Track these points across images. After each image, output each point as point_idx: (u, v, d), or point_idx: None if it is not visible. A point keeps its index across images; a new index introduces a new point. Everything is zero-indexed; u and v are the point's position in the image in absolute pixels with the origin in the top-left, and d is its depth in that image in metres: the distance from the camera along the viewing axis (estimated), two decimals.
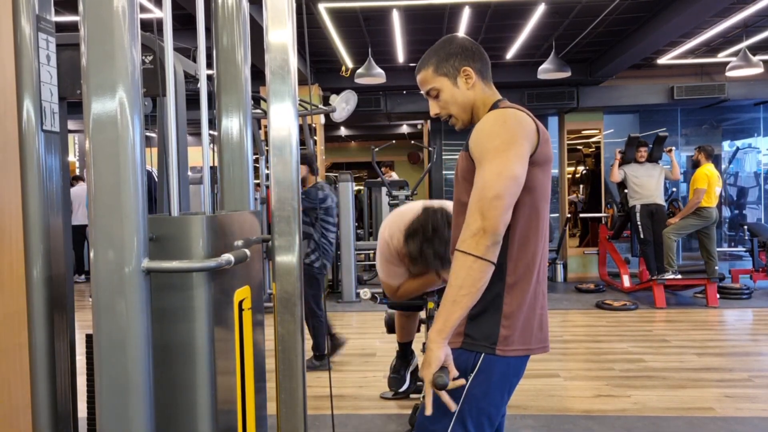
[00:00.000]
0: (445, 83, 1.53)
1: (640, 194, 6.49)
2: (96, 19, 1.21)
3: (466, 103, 1.53)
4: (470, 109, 1.54)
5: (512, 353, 1.42)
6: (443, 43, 1.56)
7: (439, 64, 1.53)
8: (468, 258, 1.31)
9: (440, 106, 1.55)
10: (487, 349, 1.42)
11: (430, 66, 1.54)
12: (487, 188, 1.32)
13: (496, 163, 1.34)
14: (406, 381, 3.29)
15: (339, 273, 6.98)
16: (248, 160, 1.88)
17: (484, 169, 1.35)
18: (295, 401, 1.61)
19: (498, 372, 1.43)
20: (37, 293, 1.56)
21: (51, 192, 1.60)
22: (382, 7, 5.05)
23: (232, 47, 1.83)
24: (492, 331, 1.42)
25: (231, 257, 1.35)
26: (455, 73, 1.52)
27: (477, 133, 1.41)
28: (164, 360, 1.38)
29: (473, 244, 1.31)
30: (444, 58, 1.53)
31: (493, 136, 1.37)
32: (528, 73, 6.68)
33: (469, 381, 1.42)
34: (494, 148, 1.35)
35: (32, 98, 1.55)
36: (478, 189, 1.34)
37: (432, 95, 1.56)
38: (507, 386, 1.46)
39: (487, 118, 1.43)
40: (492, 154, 1.35)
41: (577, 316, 5.94)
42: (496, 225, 1.31)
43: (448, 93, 1.53)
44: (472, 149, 1.41)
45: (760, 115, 8.66)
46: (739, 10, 5.23)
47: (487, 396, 1.43)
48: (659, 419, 3.20)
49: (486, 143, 1.37)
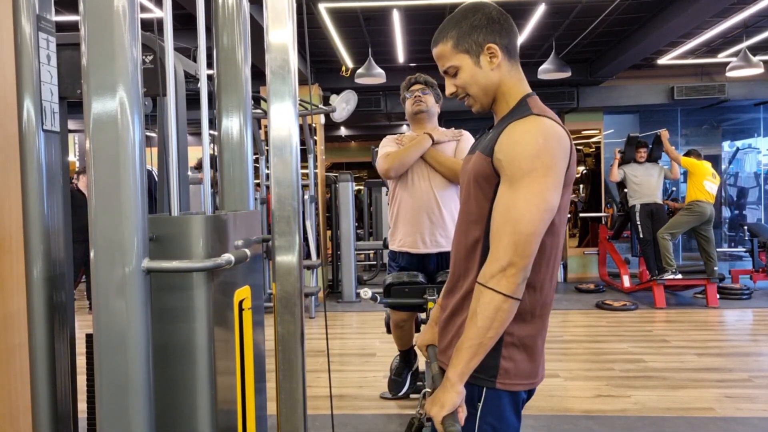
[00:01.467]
0: (466, 61, 1.33)
1: (640, 194, 6.49)
2: (96, 19, 1.21)
3: (488, 85, 1.34)
4: (493, 92, 1.36)
5: (515, 387, 1.32)
6: (466, 13, 1.34)
7: (460, 38, 1.32)
8: (497, 297, 1.20)
9: (457, 85, 1.36)
10: (488, 383, 1.31)
11: (449, 40, 1.34)
12: (524, 222, 1.20)
13: (534, 191, 1.21)
14: (406, 384, 3.29)
15: (339, 273, 6.98)
16: (248, 160, 1.88)
17: (518, 195, 1.21)
18: (295, 401, 1.61)
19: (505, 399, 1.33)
20: (37, 293, 1.56)
21: (51, 192, 1.60)
22: (382, 7, 5.05)
23: (232, 47, 1.83)
24: (492, 363, 1.30)
25: (231, 257, 1.35)
26: (478, 50, 1.32)
27: (511, 144, 1.25)
28: (164, 360, 1.38)
29: (504, 281, 1.20)
30: (466, 31, 1.32)
31: (531, 155, 1.22)
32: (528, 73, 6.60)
33: (479, 412, 1.31)
34: (532, 171, 1.21)
35: (32, 98, 1.55)
36: (510, 219, 1.21)
37: (450, 73, 1.36)
38: (517, 411, 1.36)
39: (524, 128, 1.26)
40: (529, 178, 1.21)
41: (577, 316, 5.94)
42: (529, 262, 1.21)
43: (468, 73, 1.34)
44: (502, 160, 1.25)
45: (760, 116, 8.66)
46: (739, 10, 5.23)
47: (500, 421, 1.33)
48: (659, 419, 3.20)
49: (522, 162, 1.22)
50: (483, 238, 1.32)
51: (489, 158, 1.29)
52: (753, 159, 8.95)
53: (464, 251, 1.39)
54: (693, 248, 8.64)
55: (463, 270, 1.39)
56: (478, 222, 1.34)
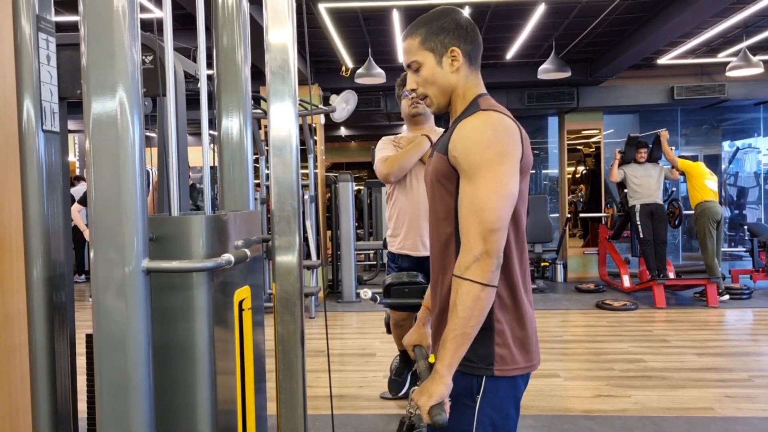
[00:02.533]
0: (429, 59, 1.40)
1: (640, 194, 6.49)
2: (96, 19, 1.21)
3: (446, 86, 1.41)
4: (449, 93, 1.42)
5: (513, 372, 1.35)
6: (437, 15, 1.42)
7: (428, 36, 1.39)
8: (474, 287, 1.25)
9: (418, 82, 1.43)
10: (486, 371, 1.34)
11: (417, 36, 1.41)
12: (488, 210, 1.25)
13: (491, 179, 1.27)
14: (407, 384, 3.29)
15: (339, 273, 6.98)
16: (248, 160, 1.88)
17: (478, 186, 1.27)
18: (295, 401, 1.61)
19: (504, 390, 1.36)
20: (37, 293, 1.56)
21: (51, 192, 1.60)
22: (382, 7, 5.05)
23: (232, 47, 1.83)
24: (487, 351, 1.34)
25: (231, 257, 1.35)
26: (442, 50, 1.39)
27: (462, 141, 1.31)
28: (164, 360, 1.38)
29: (478, 271, 1.25)
30: (434, 31, 1.39)
31: (482, 147, 1.28)
32: (528, 73, 6.68)
33: (478, 404, 1.34)
34: (486, 162, 1.27)
35: (32, 98, 1.55)
36: (475, 210, 1.27)
37: (413, 68, 1.43)
38: (515, 401, 1.39)
39: (472, 123, 1.32)
40: (485, 169, 1.27)
41: (577, 316, 5.94)
42: (499, 248, 1.26)
43: (429, 70, 1.40)
44: (457, 157, 1.31)
45: (760, 115, 8.66)
46: (739, 10, 5.23)
47: (499, 414, 1.36)
48: (659, 419, 3.20)
49: (475, 155, 1.28)
50: (454, 233, 1.37)
51: (445, 156, 1.35)
52: (753, 159, 8.96)
53: (438, 249, 1.44)
54: (693, 248, 8.65)
55: (440, 267, 1.43)
56: (447, 219, 1.39)
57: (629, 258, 7.23)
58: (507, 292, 1.36)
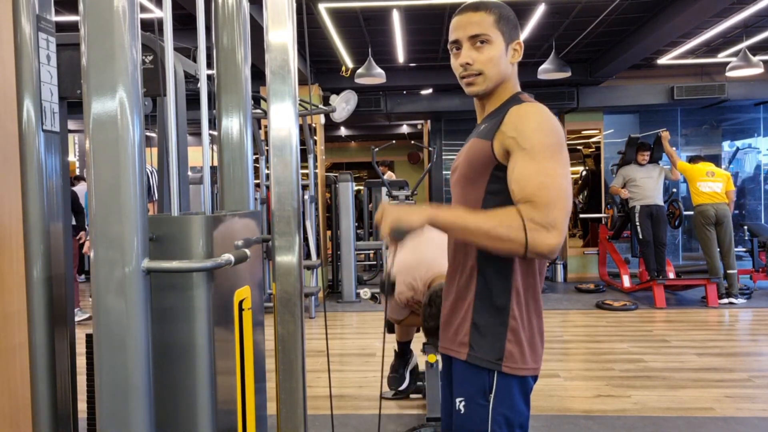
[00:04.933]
0: (500, 40, 1.34)
1: (640, 195, 6.48)
2: (96, 19, 1.21)
3: (503, 73, 1.37)
4: (501, 81, 1.38)
5: (522, 372, 1.34)
6: (505, 6, 1.37)
7: (502, 18, 1.35)
8: (520, 236, 1.18)
9: (477, 59, 1.34)
10: (496, 366, 1.32)
11: (493, 13, 1.34)
12: (568, 196, 1.21)
13: (560, 163, 1.23)
14: (405, 379, 3.29)
15: (339, 273, 6.98)
16: (248, 160, 1.88)
17: (547, 165, 1.21)
18: (295, 401, 1.61)
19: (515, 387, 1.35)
20: (37, 293, 1.56)
21: (51, 192, 1.60)
22: (382, 7, 5.05)
23: (232, 47, 1.83)
24: (497, 346, 1.32)
25: (231, 257, 1.35)
26: (509, 39, 1.36)
27: (522, 123, 1.26)
28: (164, 360, 1.38)
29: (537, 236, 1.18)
30: (506, 17, 1.36)
31: (548, 131, 1.25)
32: (528, 73, 6.68)
33: (491, 403, 1.34)
34: (551, 146, 1.23)
35: (32, 98, 1.55)
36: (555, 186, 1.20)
37: (477, 41, 1.34)
38: (526, 396, 1.39)
39: (532, 109, 1.29)
40: (550, 152, 1.23)
41: (577, 316, 5.94)
42: (562, 238, 1.20)
43: (497, 51, 1.34)
44: (515, 137, 1.25)
45: (760, 115, 8.66)
46: (739, 10, 5.23)
47: (512, 411, 1.36)
48: (659, 419, 3.20)
49: (539, 137, 1.24)
50: None
51: (489, 142, 1.31)
52: (753, 159, 8.95)
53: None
54: (693, 248, 8.65)
55: (462, 254, 1.41)
56: (474, 207, 1.36)
57: (629, 258, 7.23)
58: (526, 290, 1.34)
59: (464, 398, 1.34)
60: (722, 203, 6.20)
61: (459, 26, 1.37)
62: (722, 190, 6.24)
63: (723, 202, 6.20)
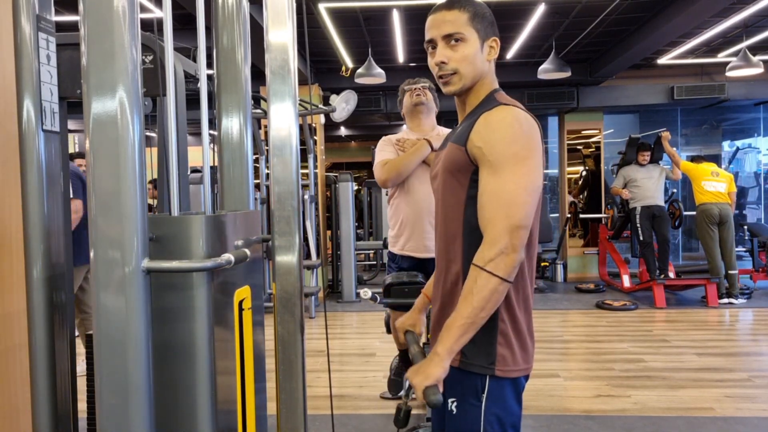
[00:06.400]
0: (474, 38, 1.35)
1: (641, 196, 6.48)
2: (96, 19, 1.21)
3: (479, 71, 1.37)
4: (477, 79, 1.38)
5: (514, 374, 1.35)
6: (479, 3, 1.38)
7: (476, 16, 1.35)
8: (494, 279, 1.23)
9: (452, 57, 1.35)
10: (488, 371, 1.33)
11: (467, 12, 1.35)
12: (516, 205, 1.24)
13: (519, 174, 1.25)
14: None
15: (339, 273, 6.98)
16: (248, 160, 1.88)
17: (505, 179, 1.25)
18: (295, 401, 1.61)
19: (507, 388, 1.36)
20: (37, 293, 1.56)
21: (51, 192, 1.60)
22: (382, 7, 5.05)
23: (232, 47, 1.83)
24: (489, 350, 1.33)
25: (231, 257, 1.35)
26: (485, 36, 1.36)
27: (489, 132, 1.28)
28: (164, 360, 1.38)
29: (501, 265, 1.23)
30: (481, 14, 1.36)
31: (510, 141, 1.26)
32: (528, 73, 6.68)
33: (483, 404, 1.34)
34: (514, 155, 1.25)
35: (32, 98, 1.55)
36: (502, 204, 1.24)
37: (452, 39, 1.35)
38: (518, 396, 1.39)
39: (499, 116, 1.30)
40: (512, 162, 1.25)
41: (577, 316, 5.94)
42: (523, 245, 1.25)
43: (472, 49, 1.35)
44: (482, 148, 1.28)
45: (760, 115, 8.66)
46: (739, 10, 5.23)
47: (504, 411, 1.36)
48: (659, 419, 3.20)
49: (502, 147, 1.26)
50: (462, 227, 1.36)
51: (463, 147, 1.32)
52: (753, 159, 8.96)
53: (445, 242, 1.42)
54: (693, 248, 8.65)
55: (446, 261, 1.42)
56: (456, 212, 1.37)
57: (629, 258, 7.23)
58: (515, 292, 1.35)
59: (456, 399, 1.34)
60: (725, 203, 6.21)
61: (433, 25, 1.38)
62: (725, 190, 6.26)
63: (726, 203, 6.22)
